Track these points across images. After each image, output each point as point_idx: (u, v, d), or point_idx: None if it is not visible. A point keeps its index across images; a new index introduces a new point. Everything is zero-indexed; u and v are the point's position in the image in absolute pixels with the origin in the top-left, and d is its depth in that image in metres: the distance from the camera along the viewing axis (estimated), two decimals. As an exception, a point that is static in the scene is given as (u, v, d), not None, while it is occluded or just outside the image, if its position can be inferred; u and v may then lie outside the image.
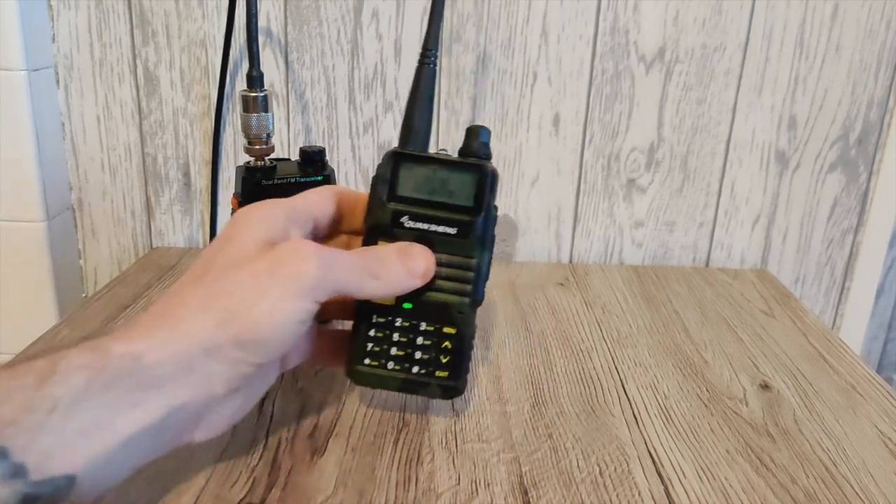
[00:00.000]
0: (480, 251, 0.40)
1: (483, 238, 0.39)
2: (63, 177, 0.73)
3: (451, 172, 0.40)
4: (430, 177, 0.40)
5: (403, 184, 0.40)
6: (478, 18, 0.69)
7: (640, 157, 0.74)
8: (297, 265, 0.34)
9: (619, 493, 0.40)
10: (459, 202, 0.39)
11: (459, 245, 0.39)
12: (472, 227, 0.39)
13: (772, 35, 0.70)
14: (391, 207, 0.39)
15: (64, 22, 0.69)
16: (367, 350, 0.40)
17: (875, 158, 0.74)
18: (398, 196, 0.39)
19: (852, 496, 0.41)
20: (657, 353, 0.56)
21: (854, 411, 0.50)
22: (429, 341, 0.40)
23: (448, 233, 0.39)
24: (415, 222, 0.39)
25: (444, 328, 0.40)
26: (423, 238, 0.39)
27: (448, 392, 0.40)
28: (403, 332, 0.40)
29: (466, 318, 0.40)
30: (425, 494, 0.39)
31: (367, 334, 0.40)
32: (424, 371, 0.40)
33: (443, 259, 0.39)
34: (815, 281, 0.79)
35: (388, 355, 0.40)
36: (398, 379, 0.40)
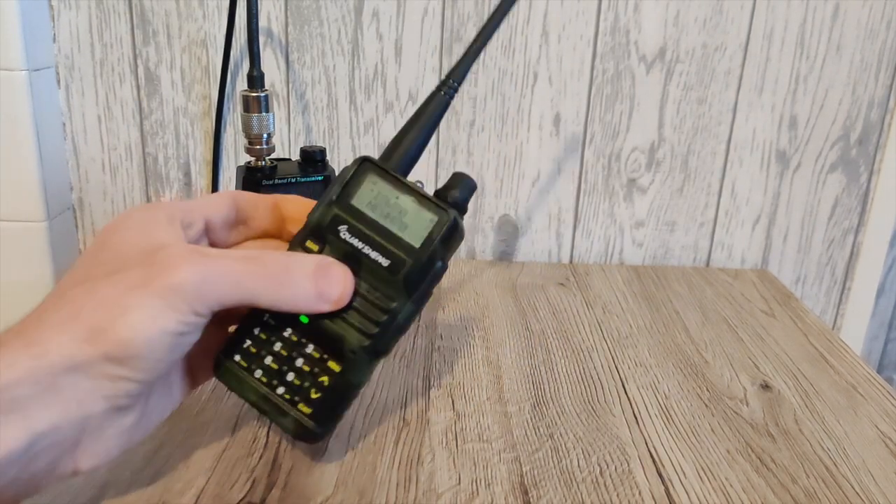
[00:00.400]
0: (404, 298, 0.35)
1: (413, 286, 0.35)
2: (64, 177, 0.73)
3: (411, 204, 0.36)
4: (390, 199, 0.36)
5: (360, 194, 0.36)
6: (478, 18, 0.69)
7: (640, 156, 0.74)
8: (168, 274, 0.30)
9: (620, 493, 0.40)
10: (406, 237, 0.35)
11: (385, 281, 0.35)
12: (405, 268, 0.35)
13: (772, 35, 0.70)
14: (334, 210, 0.36)
15: (65, 22, 0.69)
16: (243, 346, 0.36)
17: (876, 158, 0.74)
18: (348, 203, 0.36)
19: (853, 496, 0.41)
20: (658, 353, 0.56)
21: (855, 411, 0.50)
22: (307, 367, 0.36)
23: (379, 262, 0.35)
24: (350, 236, 0.35)
25: (329, 361, 0.36)
26: (351, 256, 0.35)
27: (302, 433, 0.36)
28: (287, 345, 0.36)
29: (358, 363, 0.35)
30: (426, 494, 0.39)
31: (251, 331, 0.36)
32: (288, 397, 0.36)
33: (362, 288, 0.35)
34: (816, 281, 0.79)
35: (261, 362, 0.36)
36: (258, 392, 0.36)
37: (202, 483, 0.39)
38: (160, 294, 0.30)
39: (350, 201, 0.36)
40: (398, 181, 0.36)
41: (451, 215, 0.35)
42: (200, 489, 0.39)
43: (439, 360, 0.54)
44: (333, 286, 0.34)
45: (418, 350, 0.55)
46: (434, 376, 0.52)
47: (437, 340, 0.57)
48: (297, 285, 0.33)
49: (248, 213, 0.38)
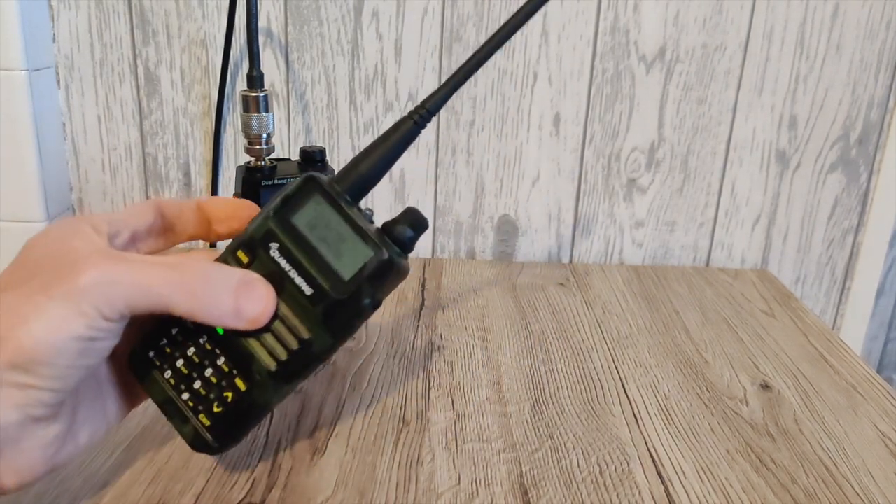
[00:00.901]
0: (321, 331, 0.34)
1: (332, 320, 0.34)
2: (63, 177, 0.73)
3: (351, 234, 0.33)
4: (331, 223, 0.34)
5: (302, 212, 0.34)
6: (478, 18, 0.69)
7: (640, 156, 0.74)
8: (73, 277, 0.29)
9: (620, 493, 0.40)
10: (337, 267, 0.33)
11: (305, 309, 0.34)
12: (326, 300, 0.33)
13: (772, 35, 0.70)
14: (269, 225, 0.34)
15: (64, 22, 0.69)
16: (159, 344, 0.35)
17: (875, 158, 0.74)
18: (286, 220, 0.34)
19: (852, 496, 0.41)
20: (657, 353, 0.56)
21: (854, 411, 0.50)
22: (215, 379, 0.35)
23: (302, 289, 0.33)
24: (280, 255, 0.34)
25: (236, 378, 0.34)
26: (276, 277, 0.34)
27: (198, 444, 0.35)
28: (200, 352, 0.35)
29: (263, 385, 0.34)
30: (426, 494, 0.39)
31: (169, 329, 0.35)
32: (192, 404, 0.35)
33: (281, 310, 0.34)
34: (816, 281, 0.79)
35: (173, 364, 0.35)
36: (165, 394, 0.35)
37: (202, 483, 0.39)
38: (64, 298, 0.29)
39: (289, 218, 0.34)
40: (343, 207, 0.34)
41: (388, 254, 0.33)
42: (200, 489, 0.39)
43: (439, 360, 0.54)
44: (253, 305, 0.33)
45: (418, 350, 0.55)
46: (434, 376, 0.52)
47: (437, 340, 0.57)
48: (216, 298, 0.32)
49: (172, 219, 0.37)
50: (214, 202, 0.38)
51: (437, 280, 0.69)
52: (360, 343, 0.56)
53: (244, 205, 0.38)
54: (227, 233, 0.38)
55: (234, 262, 0.35)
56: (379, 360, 0.53)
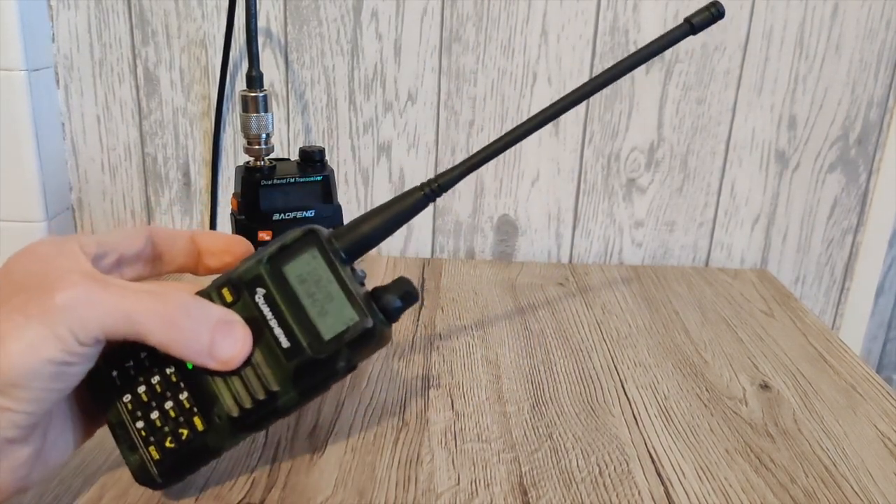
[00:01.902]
0: (290, 387, 0.33)
1: (303, 379, 0.33)
2: (63, 177, 0.73)
3: (340, 294, 0.33)
4: (322, 280, 0.34)
5: (295, 263, 0.34)
6: (477, 18, 0.69)
7: (639, 156, 0.74)
8: (50, 297, 0.29)
9: (619, 493, 0.40)
10: (318, 326, 0.33)
11: (278, 362, 0.33)
12: (302, 357, 0.33)
13: (771, 35, 0.70)
14: (260, 270, 0.34)
15: (63, 22, 0.69)
16: (124, 366, 0.34)
17: (875, 158, 0.74)
18: (278, 268, 0.34)
19: (852, 496, 0.41)
20: (657, 353, 0.56)
21: (854, 411, 0.50)
22: (174, 413, 0.34)
23: (280, 341, 0.33)
24: (264, 303, 0.33)
25: (195, 417, 0.33)
26: (256, 323, 0.33)
27: (142, 476, 0.34)
28: (164, 383, 0.34)
29: (220, 430, 0.34)
30: (425, 495, 0.39)
31: (138, 353, 0.34)
32: (144, 434, 0.34)
33: (254, 358, 0.33)
34: (815, 281, 0.79)
35: (134, 389, 0.34)
36: (118, 416, 0.34)
37: (202, 483, 0.39)
38: (41, 318, 0.29)
39: (282, 267, 0.34)
40: (337, 266, 0.34)
41: (371, 323, 0.33)
42: (200, 489, 0.39)
43: (438, 359, 0.54)
44: (228, 346, 0.32)
45: (417, 350, 0.55)
46: (433, 376, 0.52)
47: (437, 340, 0.57)
48: (193, 333, 0.32)
49: (163, 248, 0.37)
50: (207, 235, 0.38)
51: (437, 280, 0.69)
52: (360, 343, 0.56)
53: (238, 241, 0.38)
54: (217, 267, 0.38)
55: (217, 298, 0.34)
56: (378, 359, 0.53)
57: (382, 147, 0.73)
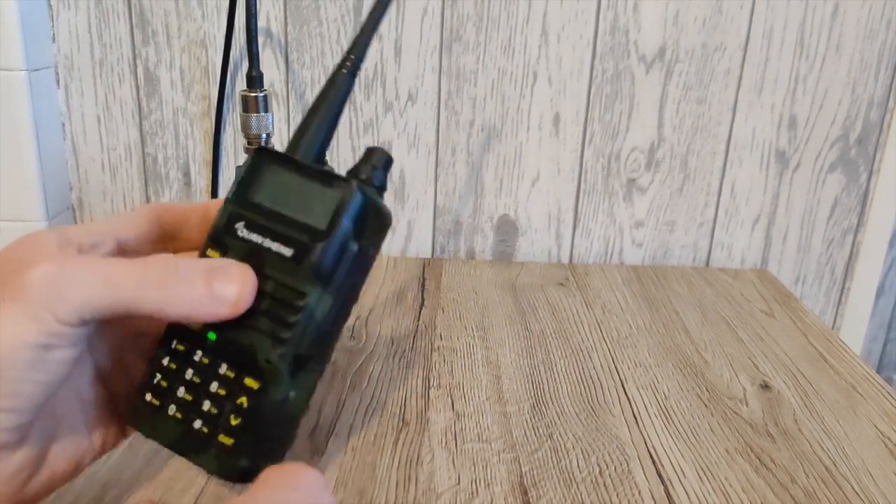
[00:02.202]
0: (318, 289, 0.29)
1: (324, 273, 0.29)
2: (63, 177, 0.73)
3: (313, 185, 0.31)
4: (292, 187, 0.31)
5: (260, 188, 0.31)
6: (478, 18, 0.69)
7: (640, 156, 0.74)
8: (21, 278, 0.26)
9: (620, 493, 0.40)
10: (311, 221, 0.30)
11: (292, 273, 0.30)
12: (310, 253, 0.29)
13: (772, 34, 0.70)
14: (230, 210, 0.31)
15: (64, 22, 0.69)
16: (154, 383, 0.30)
17: (875, 158, 0.74)
18: (246, 200, 0.31)
19: (852, 496, 0.41)
20: (657, 353, 0.56)
21: (854, 411, 0.50)
22: (223, 391, 0.30)
23: (282, 253, 0.30)
24: (249, 232, 0.30)
25: (244, 379, 0.30)
26: (253, 254, 0.30)
27: (226, 469, 0.30)
28: (198, 370, 0.30)
29: (276, 375, 0.29)
30: (425, 494, 0.39)
31: (160, 363, 0.31)
32: (207, 430, 0.30)
33: (268, 287, 0.30)
34: (816, 281, 0.79)
35: (174, 396, 0.30)
36: (175, 432, 0.30)
37: (202, 482, 0.39)
38: (11, 299, 0.26)
39: (249, 198, 0.31)
40: (302, 167, 0.31)
41: (357, 190, 0.30)
42: (201, 489, 0.39)
43: (439, 360, 0.54)
44: (230, 285, 0.29)
45: (418, 350, 0.55)
46: (433, 376, 0.52)
47: (437, 340, 0.57)
48: (187, 285, 0.28)
49: (176, 227, 0.34)
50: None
51: (437, 280, 0.69)
52: (360, 343, 0.56)
53: None
54: None
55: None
56: (379, 359, 0.53)
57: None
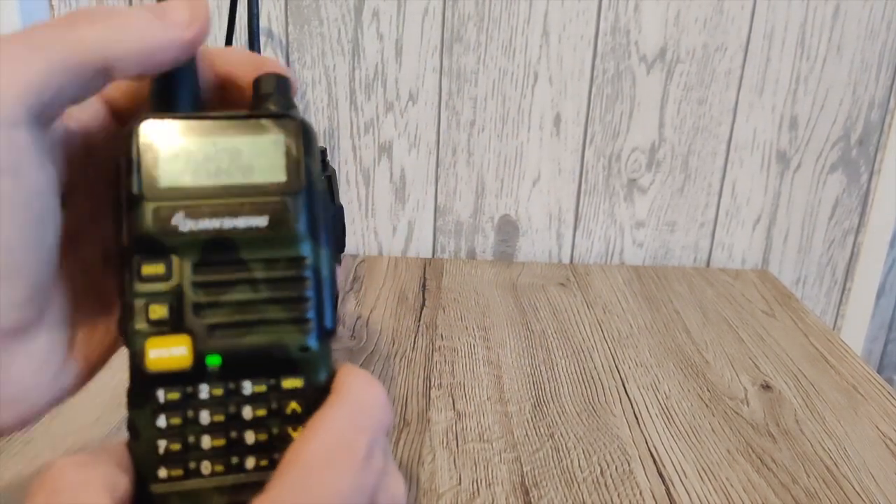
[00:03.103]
0: (313, 245, 0.25)
1: (312, 225, 0.26)
2: (64, 176, 0.73)
3: (240, 136, 0.25)
4: (208, 150, 0.25)
5: (163, 168, 0.25)
6: (479, 18, 0.69)
7: (640, 157, 0.74)
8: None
9: (621, 493, 0.40)
10: (264, 179, 0.25)
11: (277, 243, 0.25)
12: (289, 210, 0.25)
13: (773, 35, 0.70)
14: (145, 208, 0.24)
15: (65, 22, 0.69)
16: (159, 454, 0.24)
17: (876, 159, 0.74)
18: (157, 189, 0.24)
19: (853, 496, 0.41)
20: (658, 354, 0.56)
21: (855, 412, 0.50)
22: (262, 410, 0.25)
23: (255, 226, 0.25)
24: (196, 221, 0.25)
25: (282, 383, 0.25)
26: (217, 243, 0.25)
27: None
28: (217, 406, 0.24)
29: (316, 359, 0.25)
30: (426, 495, 0.39)
31: (155, 426, 0.24)
32: (266, 461, 0.25)
33: (257, 273, 0.25)
34: (816, 281, 0.79)
35: (199, 452, 0.24)
36: (222, 489, 0.24)
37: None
38: None
39: (158, 185, 0.25)
40: (201, 121, 0.25)
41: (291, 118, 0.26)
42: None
43: (440, 360, 0.54)
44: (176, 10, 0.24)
45: (419, 350, 0.55)
46: (435, 376, 0.52)
47: (438, 340, 0.57)
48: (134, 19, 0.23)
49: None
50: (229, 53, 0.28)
51: (438, 280, 0.69)
52: (361, 342, 0.56)
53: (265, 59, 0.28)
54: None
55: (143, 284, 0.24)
56: (379, 359, 0.53)
57: (383, 147, 0.73)
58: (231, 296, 0.25)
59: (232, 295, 0.25)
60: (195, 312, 0.24)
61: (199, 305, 0.24)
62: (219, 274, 0.25)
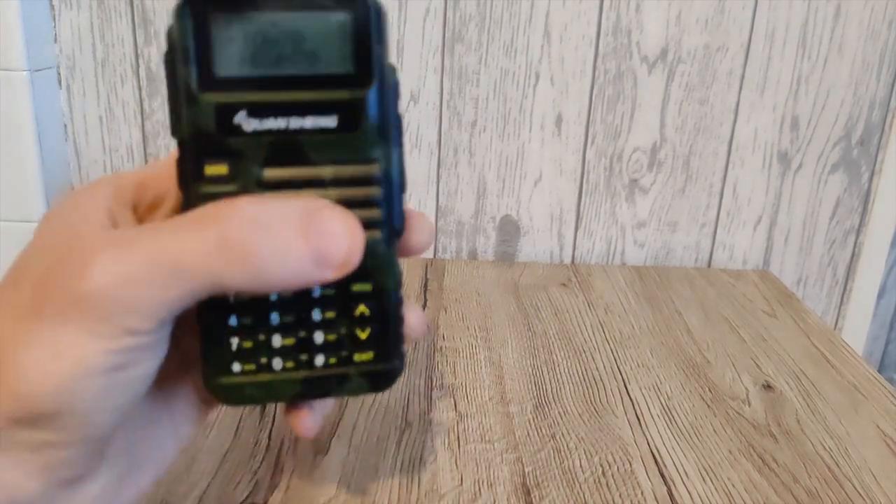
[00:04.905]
0: (384, 146, 0.25)
1: (384, 122, 0.24)
2: (65, 178, 0.73)
3: (303, 19, 0.23)
4: (268, 34, 0.23)
5: (223, 55, 0.22)
6: (480, 19, 0.69)
7: (642, 157, 0.74)
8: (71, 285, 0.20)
9: (622, 494, 0.40)
10: (330, 69, 0.23)
11: (348, 144, 0.24)
12: (362, 108, 0.23)
13: (774, 35, 0.70)
14: (210, 100, 0.22)
15: (66, 22, 0.69)
16: (233, 350, 0.25)
17: (877, 159, 0.74)
18: (218, 78, 0.22)
19: (854, 496, 0.41)
20: (660, 354, 0.56)
21: (856, 411, 0.50)
22: (331, 312, 0.25)
23: (324, 127, 0.23)
24: (261, 120, 0.23)
25: (352, 286, 0.25)
26: (282, 147, 0.23)
27: (380, 380, 0.26)
28: (286, 308, 0.25)
29: (385, 261, 0.25)
30: (428, 495, 0.39)
31: (227, 325, 0.25)
32: (335, 359, 0.25)
33: (326, 175, 0.24)
34: (818, 281, 0.79)
35: (270, 349, 0.25)
36: (296, 381, 0.25)
37: (205, 485, 0.39)
38: (63, 316, 0.20)
39: (216, 75, 0.23)
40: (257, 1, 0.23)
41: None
42: (203, 491, 0.39)
43: (441, 360, 0.54)
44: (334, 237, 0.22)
45: (420, 350, 0.55)
46: (436, 377, 0.52)
47: (439, 341, 0.57)
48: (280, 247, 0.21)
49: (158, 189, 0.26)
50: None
51: (439, 280, 0.69)
52: (363, 343, 0.56)
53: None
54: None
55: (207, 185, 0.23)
56: (381, 360, 0.53)
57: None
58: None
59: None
60: None
61: None
62: (285, 175, 0.24)
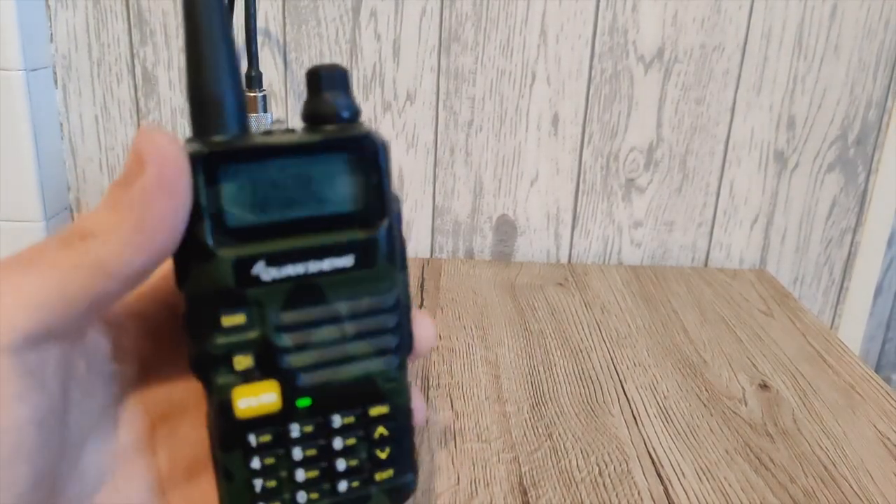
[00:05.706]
0: (395, 275, 0.24)
1: (393, 253, 0.24)
2: (61, 177, 0.73)
3: (309, 161, 0.23)
4: (276, 180, 0.23)
5: (233, 205, 0.22)
6: (476, 18, 0.69)
7: (638, 156, 0.74)
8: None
9: (619, 493, 0.40)
10: (340, 208, 0.23)
11: (364, 280, 0.24)
12: (377, 245, 0.24)
13: (770, 35, 0.70)
14: (227, 255, 0.22)
15: (62, 22, 0.69)
16: (257, 492, 0.24)
17: (873, 158, 0.75)
18: (227, 231, 0.22)
19: (851, 495, 0.41)
20: (656, 353, 0.56)
21: (853, 411, 0.50)
22: (352, 439, 0.25)
23: (342, 268, 0.23)
24: (280, 268, 0.23)
25: (369, 411, 0.25)
26: (300, 291, 0.23)
27: (399, 494, 0.27)
28: (308, 442, 0.25)
29: (399, 384, 0.25)
30: (425, 494, 0.39)
31: (248, 468, 0.24)
32: (358, 482, 0.26)
33: (343, 311, 0.24)
34: (814, 281, 0.79)
35: (294, 484, 0.25)
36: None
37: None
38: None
39: (227, 226, 0.22)
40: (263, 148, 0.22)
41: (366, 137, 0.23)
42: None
43: (438, 360, 0.54)
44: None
45: (417, 350, 0.55)
46: (433, 376, 0.51)
47: (436, 340, 0.57)
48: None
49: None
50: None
51: (436, 280, 0.69)
52: (359, 343, 0.56)
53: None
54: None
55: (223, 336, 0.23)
56: (378, 360, 0.53)
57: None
58: (317, 337, 0.24)
59: (318, 336, 0.24)
60: (281, 357, 0.23)
61: (286, 350, 0.23)
62: (304, 317, 0.24)
